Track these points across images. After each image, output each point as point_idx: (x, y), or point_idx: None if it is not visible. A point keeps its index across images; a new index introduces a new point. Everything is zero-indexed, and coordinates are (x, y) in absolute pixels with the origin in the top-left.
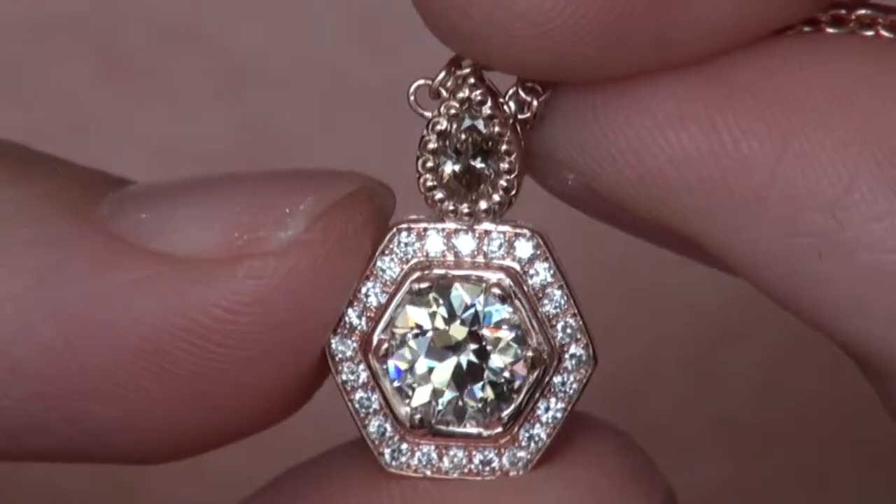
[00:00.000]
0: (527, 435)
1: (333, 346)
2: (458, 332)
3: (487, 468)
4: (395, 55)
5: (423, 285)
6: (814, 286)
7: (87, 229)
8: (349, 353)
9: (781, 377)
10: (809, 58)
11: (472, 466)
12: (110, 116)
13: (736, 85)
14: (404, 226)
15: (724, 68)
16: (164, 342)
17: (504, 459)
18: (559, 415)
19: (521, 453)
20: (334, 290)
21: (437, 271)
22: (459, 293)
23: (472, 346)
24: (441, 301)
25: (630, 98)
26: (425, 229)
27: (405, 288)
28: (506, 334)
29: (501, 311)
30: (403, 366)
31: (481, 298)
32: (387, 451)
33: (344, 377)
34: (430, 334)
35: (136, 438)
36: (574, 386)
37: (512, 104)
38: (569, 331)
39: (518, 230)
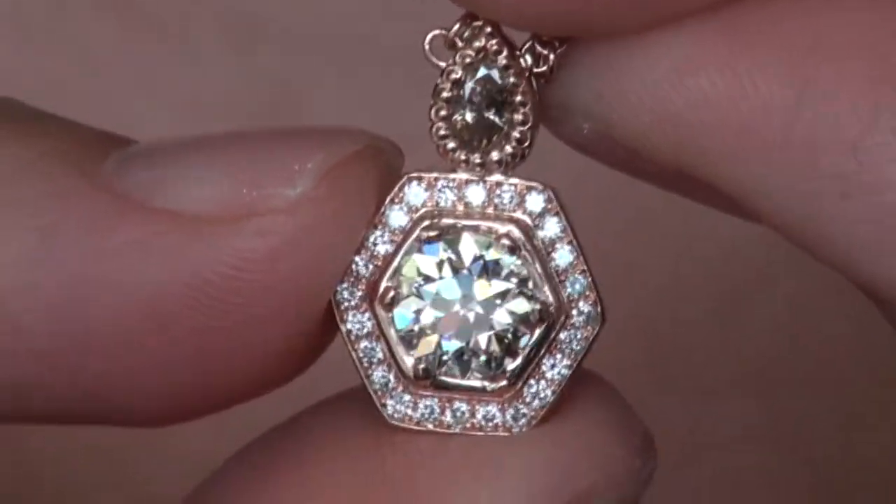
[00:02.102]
0: (531, 391)
1: (339, 294)
2: (466, 282)
3: (490, 423)
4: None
5: (432, 234)
6: (837, 228)
7: (90, 187)
8: (355, 302)
9: (808, 322)
10: (825, 2)
11: (475, 421)
12: (128, 72)
13: (754, 30)
14: (415, 175)
15: (741, 15)
16: (171, 301)
17: (507, 415)
18: (565, 371)
19: (525, 409)
20: (342, 247)
21: (446, 221)
22: (468, 243)
23: (480, 298)
24: (449, 250)
25: (647, 45)
26: (436, 179)
27: (413, 236)
28: (513, 286)
29: (510, 263)
30: (409, 315)
31: (490, 249)
32: (389, 403)
33: (349, 326)
34: (437, 284)
35: (141, 400)
36: (581, 343)
37: (528, 57)
38: (577, 287)
39: (530, 183)
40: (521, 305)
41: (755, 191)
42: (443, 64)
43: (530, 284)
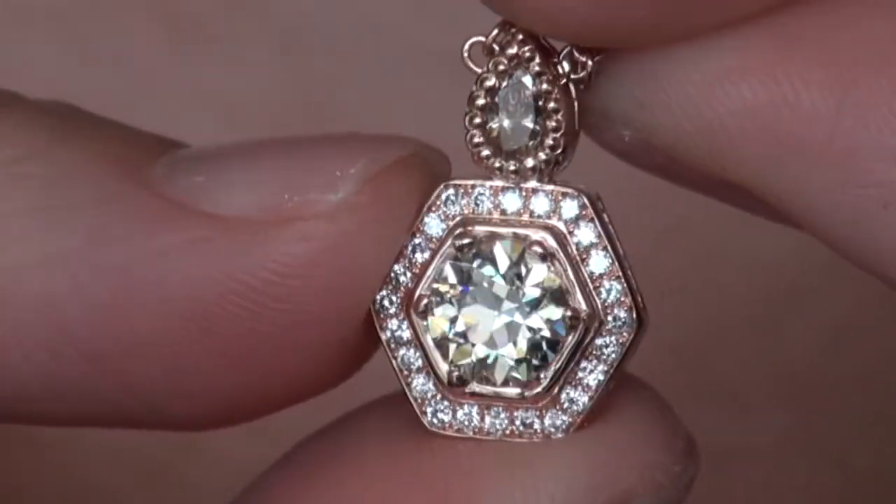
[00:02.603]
0: (568, 398)
1: (378, 302)
2: (499, 290)
3: (529, 430)
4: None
5: (465, 241)
6: (877, 237)
7: (138, 190)
8: (394, 310)
9: (848, 336)
10: (868, 9)
11: (514, 428)
12: (173, 77)
13: (795, 37)
14: (451, 182)
15: (782, 21)
16: (214, 304)
17: (545, 422)
18: (601, 377)
19: (563, 416)
20: (383, 253)
21: (480, 228)
22: (501, 251)
23: (512, 305)
24: (483, 258)
25: (687, 53)
26: (472, 186)
27: (448, 244)
28: (546, 294)
29: (542, 270)
30: (443, 323)
31: (523, 257)
32: (429, 410)
33: (388, 334)
34: (470, 292)
35: (184, 402)
36: (616, 349)
37: (566, 63)
38: (613, 293)
39: (564, 189)
40: (554, 313)
41: (795, 199)
42: (479, 70)
43: (563, 292)
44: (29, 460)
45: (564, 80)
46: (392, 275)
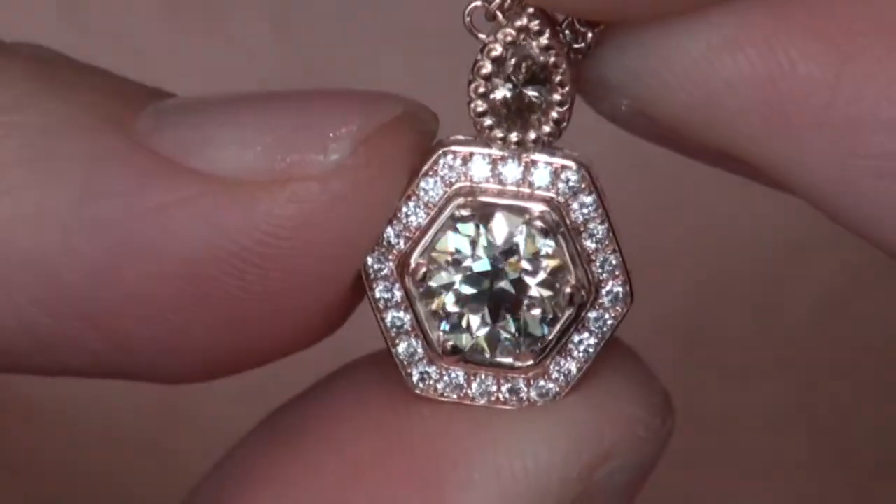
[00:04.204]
0: (556, 367)
1: (369, 263)
2: (498, 261)
3: (515, 397)
4: None
5: (466, 212)
6: (872, 207)
7: (129, 144)
8: (385, 272)
9: (842, 302)
10: None
11: (500, 395)
12: (165, 48)
13: (792, 8)
14: (450, 148)
15: None
16: (206, 263)
17: (532, 391)
18: (591, 350)
19: (550, 385)
20: (376, 216)
21: (480, 198)
22: (501, 223)
23: (511, 277)
24: (483, 229)
25: (684, 24)
26: (472, 154)
27: (447, 213)
28: (545, 267)
29: (542, 244)
30: (440, 291)
31: (523, 229)
32: (415, 373)
33: (378, 294)
34: (469, 262)
35: (173, 358)
36: (609, 322)
37: (567, 32)
38: (608, 267)
39: (564, 162)
40: (552, 285)
41: (792, 168)
42: (483, 36)
43: (561, 265)
44: (22, 435)
45: (566, 50)
46: (384, 237)
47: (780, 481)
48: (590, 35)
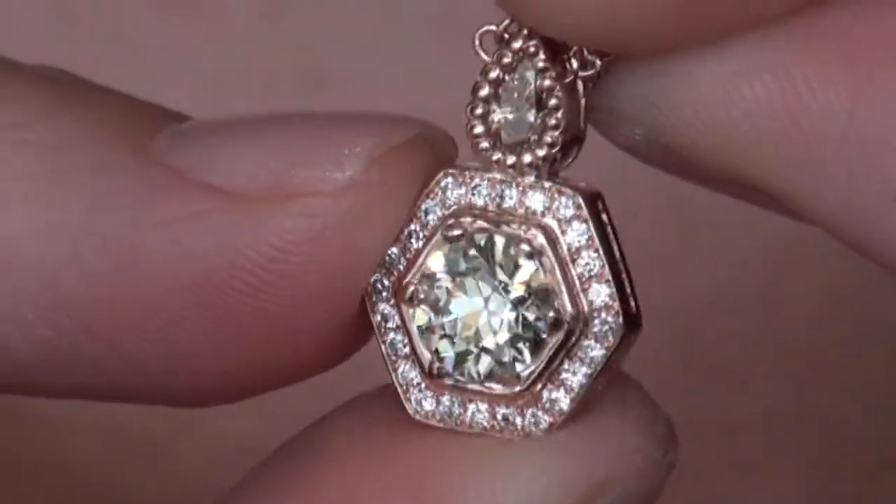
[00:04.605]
0: (549, 397)
1: (372, 284)
2: (486, 285)
3: (510, 426)
4: None
5: (456, 233)
6: (892, 233)
7: (141, 160)
8: (386, 294)
9: (842, 305)
10: (883, 7)
11: (495, 423)
12: (157, 42)
13: (809, 35)
14: (452, 171)
15: (796, 21)
16: (215, 278)
17: (526, 420)
18: (583, 380)
19: (543, 415)
20: (384, 235)
21: (472, 220)
22: (491, 246)
23: (497, 300)
24: (471, 251)
25: (700, 52)
26: (471, 176)
27: (438, 234)
28: (531, 292)
29: (530, 269)
30: (427, 313)
31: (512, 254)
32: (413, 398)
33: (378, 317)
34: (456, 284)
35: (181, 377)
36: (600, 353)
37: (574, 61)
38: (601, 296)
39: (561, 188)
40: (538, 312)
41: (808, 197)
42: (487, 58)
43: (549, 291)
44: (25, 435)
45: (572, 78)
46: (387, 258)
47: (783, 483)
48: (598, 63)
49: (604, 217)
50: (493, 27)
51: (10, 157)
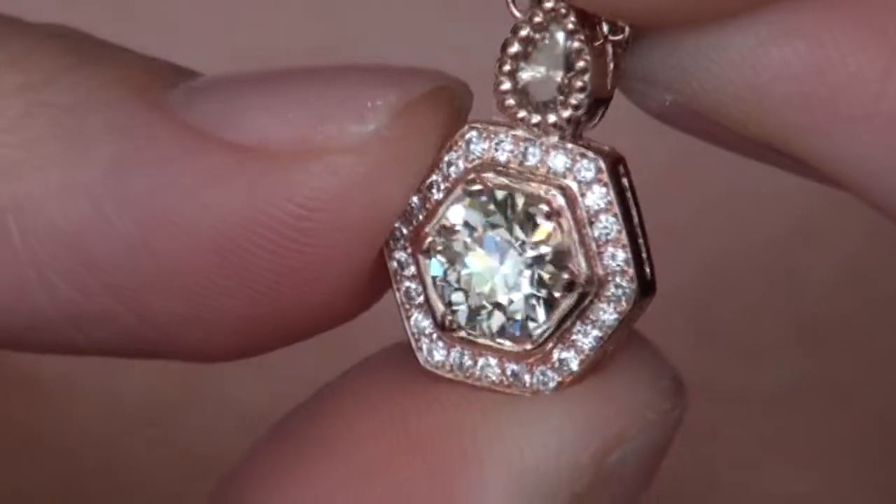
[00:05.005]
0: (559, 357)
1: (392, 233)
2: (502, 241)
3: (518, 382)
4: None
5: (476, 187)
6: None
7: (159, 117)
8: (403, 243)
9: (861, 273)
10: None
11: (504, 378)
12: (169, 17)
13: (841, 1)
14: (476, 124)
15: None
16: (239, 236)
17: (534, 377)
18: (593, 343)
19: (551, 373)
20: (409, 187)
21: (493, 177)
22: (510, 203)
23: (514, 258)
24: (491, 207)
25: (731, 20)
26: (495, 132)
27: (460, 187)
28: (547, 252)
29: (547, 228)
30: (443, 265)
31: (531, 212)
32: (424, 347)
33: (395, 265)
34: (473, 239)
35: (204, 334)
36: (612, 317)
37: (605, 25)
38: (616, 260)
39: (583, 151)
40: (552, 272)
41: (840, 162)
42: (518, 14)
43: (565, 252)
44: (27, 406)
45: (601, 41)
46: (409, 207)
47: (802, 453)
48: (627, 28)
49: (624, 182)
50: None
51: (25, 120)
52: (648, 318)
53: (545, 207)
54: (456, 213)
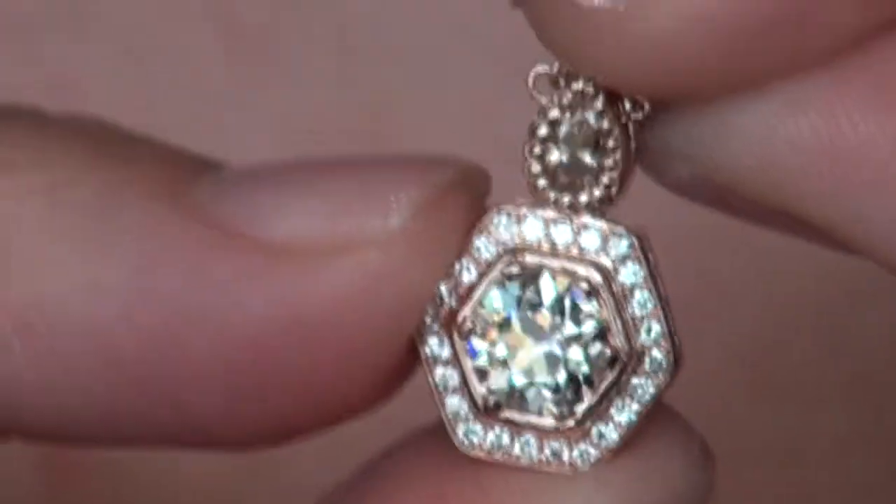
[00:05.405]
0: (598, 432)
1: (422, 320)
2: (543, 321)
3: (558, 460)
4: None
5: (514, 270)
6: None
7: (185, 216)
8: (435, 328)
9: None
10: None
11: (543, 456)
12: (225, 86)
13: (853, 71)
14: (505, 208)
15: (842, 63)
16: (270, 334)
17: (574, 453)
18: (633, 417)
19: (591, 449)
20: (436, 277)
21: (529, 258)
22: (548, 283)
23: (555, 337)
24: (529, 288)
25: (747, 94)
26: (524, 215)
27: (496, 270)
28: (588, 330)
29: (587, 306)
30: (484, 347)
31: (570, 291)
32: (461, 431)
33: (428, 352)
34: (514, 319)
35: (236, 427)
36: (651, 390)
37: (626, 102)
38: (652, 334)
39: (615, 227)
40: (595, 349)
41: (853, 227)
42: (544, 100)
43: (605, 329)
44: (80, 489)
45: (624, 119)
46: (437, 294)
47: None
48: (647, 105)
49: (651, 257)
50: (545, 68)
51: (52, 219)
52: (701, 369)
53: (584, 285)
54: (494, 296)
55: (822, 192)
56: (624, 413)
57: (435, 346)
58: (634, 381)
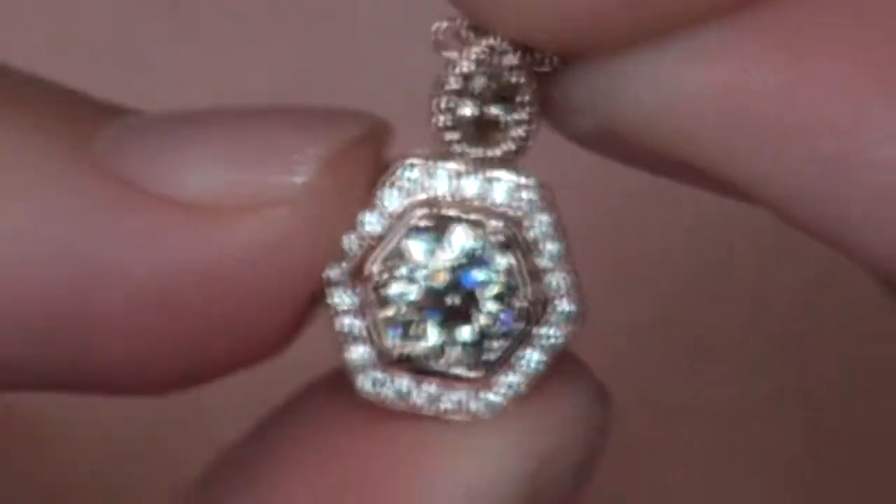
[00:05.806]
0: (505, 381)
1: (326, 271)
2: (453, 273)
3: (460, 408)
4: None
5: (424, 223)
6: (829, 210)
7: (86, 170)
8: (341, 278)
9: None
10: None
11: (446, 406)
12: (130, 48)
13: (753, 25)
14: (412, 161)
15: (738, 12)
16: (174, 291)
17: (478, 403)
18: (540, 367)
19: (495, 398)
20: (342, 233)
21: (435, 210)
22: (460, 235)
23: (465, 289)
24: (439, 241)
25: (648, 45)
26: (433, 166)
27: (405, 222)
28: (498, 281)
29: (496, 258)
30: (395, 298)
31: (479, 243)
32: (362, 379)
33: (332, 301)
34: (424, 272)
35: (138, 376)
36: (559, 340)
37: (535, 54)
38: (561, 284)
39: (523, 180)
40: (504, 300)
41: (753, 177)
42: (454, 54)
43: (514, 280)
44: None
45: (532, 71)
46: (342, 246)
47: (779, 469)
48: (555, 59)
49: (556, 208)
50: (451, 22)
51: None
52: (626, 336)
53: (494, 237)
54: (404, 249)
55: (717, 142)
56: (529, 362)
57: (339, 295)
58: (542, 331)
